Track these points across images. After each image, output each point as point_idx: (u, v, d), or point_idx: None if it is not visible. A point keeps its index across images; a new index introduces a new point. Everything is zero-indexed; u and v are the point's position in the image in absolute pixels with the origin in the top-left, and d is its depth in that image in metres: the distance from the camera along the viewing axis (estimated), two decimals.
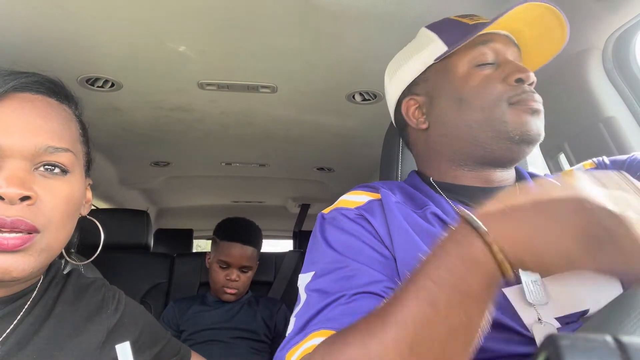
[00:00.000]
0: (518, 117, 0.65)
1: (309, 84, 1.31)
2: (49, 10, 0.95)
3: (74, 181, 0.64)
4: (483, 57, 0.69)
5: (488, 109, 0.66)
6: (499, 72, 0.68)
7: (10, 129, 0.59)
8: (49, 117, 0.63)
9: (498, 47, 0.70)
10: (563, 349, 0.25)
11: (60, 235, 0.63)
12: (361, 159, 1.99)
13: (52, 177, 0.61)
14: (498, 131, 0.65)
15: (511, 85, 0.66)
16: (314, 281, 0.58)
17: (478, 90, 0.67)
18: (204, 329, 1.59)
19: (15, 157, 0.58)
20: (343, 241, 0.61)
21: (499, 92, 0.66)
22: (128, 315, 0.78)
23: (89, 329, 0.72)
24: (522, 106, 0.65)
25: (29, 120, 0.61)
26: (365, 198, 0.67)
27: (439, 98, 0.72)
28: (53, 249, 0.63)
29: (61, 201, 0.61)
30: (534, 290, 0.56)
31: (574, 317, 0.55)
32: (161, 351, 0.84)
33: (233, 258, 1.64)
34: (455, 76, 0.70)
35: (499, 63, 0.69)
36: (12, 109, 0.60)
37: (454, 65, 0.71)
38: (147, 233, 1.96)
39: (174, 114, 1.53)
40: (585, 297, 0.56)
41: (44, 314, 0.69)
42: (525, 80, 0.66)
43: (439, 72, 0.73)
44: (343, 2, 0.94)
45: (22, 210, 0.57)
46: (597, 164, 0.73)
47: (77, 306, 0.73)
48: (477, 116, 0.67)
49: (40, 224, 0.59)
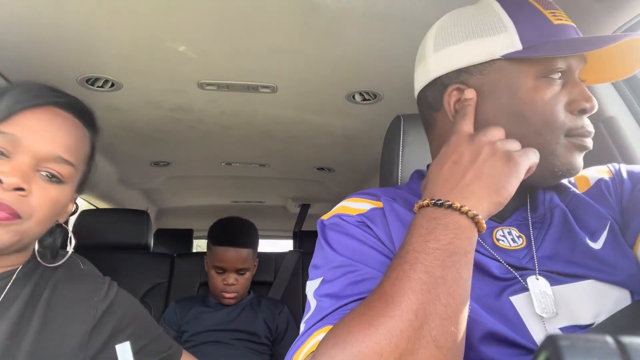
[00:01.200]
0: (570, 153, 0.59)
1: (309, 84, 1.31)
2: (48, 10, 0.95)
3: (65, 191, 0.74)
4: (555, 71, 0.59)
5: (544, 136, 0.59)
6: (564, 94, 0.59)
7: (34, 132, 0.70)
8: (69, 133, 0.75)
9: (572, 63, 0.60)
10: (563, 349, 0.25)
11: (35, 229, 0.71)
12: (361, 159, 1.99)
13: (48, 182, 0.71)
14: (545, 160, 0.58)
15: (574, 116, 0.59)
16: (323, 286, 0.57)
17: (542, 111, 0.59)
18: (205, 331, 1.58)
19: (27, 154, 0.69)
20: (349, 245, 0.60)
21: (562, 120, 0.58)
22: (118, 304, 0.81)
23: (78, 314, 0.76)
24: (576, 141, 0.59)
25: (52, 130, 0.72)
26: (367, 206, 0.66)
27: (492, 101, 0.61)
28: (25, 239, 0.71)
29: (47, 202, 0.71)
30: (542, 301, 0.55)
31: (582, 330, 0.54)
32: (150, 343, 0.85)
33: (228, 263, 1.60)
34: (520, 85, 0.60)
35: (566, 80, 0.60)
36: (43, 117, 0.73)
37: (522, 71, 0.60)
38: (147, 233, 1.96)
39: (174, 114, 1.53)
40: (594, 308, 0.55)
41: (34, 298, 0.73)
42: (589, 112, 0.60)
43: (503, 71, 0.61)
44: (343, 2, 0.94)
45: (12, 196, 0.66)
46: (614, 173, 0.69)
47: (66, 292, 0.77)
48: (530, 138, 0.58)
49: (24, 213, 0.68)
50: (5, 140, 0.69)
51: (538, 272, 0.58)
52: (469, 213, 0.49)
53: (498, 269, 0.58)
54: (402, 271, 0.47)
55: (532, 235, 0.62)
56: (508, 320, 0.54)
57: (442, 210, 0.50)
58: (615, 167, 0.70)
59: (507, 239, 0.62)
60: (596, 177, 0.69)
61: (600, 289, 0.56)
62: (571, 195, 0.67)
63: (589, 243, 0.60)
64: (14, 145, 0.69)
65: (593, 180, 0.69)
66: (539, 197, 0.66)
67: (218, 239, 1.64)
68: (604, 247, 0.59)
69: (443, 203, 0.50)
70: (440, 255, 0.47)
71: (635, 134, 0.94)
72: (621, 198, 0.65)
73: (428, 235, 0.49)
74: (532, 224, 0.64)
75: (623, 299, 0.55)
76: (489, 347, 0.52)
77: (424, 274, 0.46)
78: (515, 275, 0.58)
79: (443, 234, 0.48)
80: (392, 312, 0.44)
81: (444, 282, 0.46)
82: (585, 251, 0.59)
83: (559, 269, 0.58)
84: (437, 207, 0.51)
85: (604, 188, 0.66)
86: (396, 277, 0.47)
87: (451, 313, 0.45)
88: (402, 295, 0.45)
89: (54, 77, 1.22)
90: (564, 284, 0.57)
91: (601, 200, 0.65)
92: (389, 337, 0.43)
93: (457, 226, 0.49)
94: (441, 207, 0.51)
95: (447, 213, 0.50)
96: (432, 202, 0.51)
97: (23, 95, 0.72)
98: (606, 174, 0.69)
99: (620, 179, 0.67)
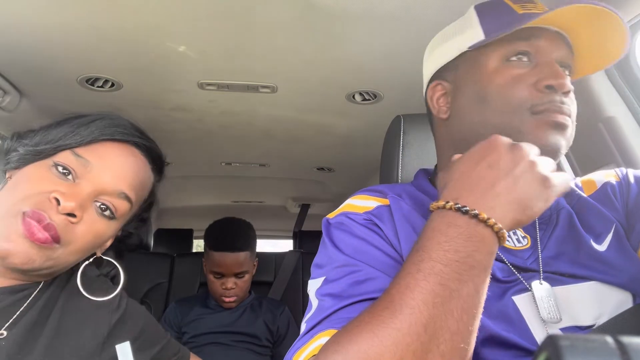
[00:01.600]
0: (537, 130, 0.58)
1: (309, 84, 1.31)
2: (49, 10, 0.95)
3: (112, 227, 0.74)
4: (516, 53, 0.61)
5: (507, 114, 0.60)
6: (533, 75, 0.60)
7: (107, 164, 0.72)
8: (138, 174, 0.76)
9: (542, 45, 0.62)
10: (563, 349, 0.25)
11: (71, 257, 0.70)
12: (361, 159, 1.99)
13: (100, 216, 0.71)
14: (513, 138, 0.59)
15: (540, 92, 0.59)
16: (325, 286, 0.56)
17: (502, 90, 0.61)
18: (205, 332, 1.57)
19: (92, 183, 0.70)
20: (353, 245, 0.59)
21: (523, 97, 0.59)
22: (130, 314, 0.80)
23: (92, 324, 0.75)
24: (544, 117, 0.58)
25: (124, 166, 0.74)
26: (373, 203, 0.65)
27: (463, 90, 0.66)
28: (58, 264, 0.69)
29: (91, 234, 0.70)
30: (547, 307, 0.54)
31: (582, 331, 0.54)
32: (161, 351, 0.84)
33: (225, 267, 1.56)
34: (483, 70, 0.64)
35: (536, 63, 0.61)
36: (120, 152, 0.75)
37: (486, 57, 0.64)
38: (147, 233, 1.96)
39: (174, 114, 1.53)
40: (595, 310, 0.55)
41: (49, 306, 0.72)
42: (558, 89, 0.59)
43: (470, 61, 0.66)
44: (343, 2, 0.94)
45: (62, 221, 0.66)
46: (621, 177, 0.69)
47: (81, 301, 0.75)
48: (495, 120, 0.61)
49: (65, 239, 0.67)
50: (78, 163, 0.70)
51: (542, 275, 0.58)
52: (495, 227, 0.46)
53: (501, 272, 0.58)
54: (413, 280, 0.44)
55: (538, 236, 0.62)
56: (510, 321, 0.54)
57: (466, 219, 0.46)
58: (623, 171, 0.70)
59: (512, 239, 0.62)
60: (603, 180, 0.69)
61: (602, 291, 0.56)
62: (577, 197, 0.67)
63: (593, 245, 0.60)
64: (83, 171, 0.69)
65: (600, 184, 0.69)
66: None
67: (214, 243, 1.60)
68: (608, 249, 0.59)
69: (469, 211, 0.46)
70: (458, 267, 0.44)
71: (635, 134, 0.94)
72: (627, 201, 0.65)
73: (447, 244, 0.45)
74: (539, 224, 0.64)
75: (625, 302, 0.55)
76: (491, 351, 0.51)
77: (438, 286, 0.43)
78: (518, 277, 0.57)
79: (464, 245, 0.45)
80: (399, 324, 0.42)
81: (459, 297, 0.43)
82: (590, 253, 0.59)
83: (562, 269, 0.58)
84: (461, 213, 0.47)
85: (610, 191, 0.67)
86: (406, 285, 0.44)
87: (462, 328, 0.42)
88: (412, 306, 0.42)
89: (54, 77, 1.22)
90: (567, 285, 0.57)
91: (607, 204, 0.65)
92: (393, 350, 0.40)
93: (480, 239, 0.45)
94: (465, 214, 0.46)
95: (470, 223, 0.46)
96: (455, 207, 0.47)
97: (109, 129, 0.74)
98: (613, 178, 0.69)
99: (626, 183, 0.67)
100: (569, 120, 0.60)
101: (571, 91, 0.60)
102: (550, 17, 0.59)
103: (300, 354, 0.49)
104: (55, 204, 0.65)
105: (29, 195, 0.65)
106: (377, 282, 0.54)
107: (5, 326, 0.65)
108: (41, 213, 0.64)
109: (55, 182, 0.67)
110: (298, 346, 0.51)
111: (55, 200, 0.65)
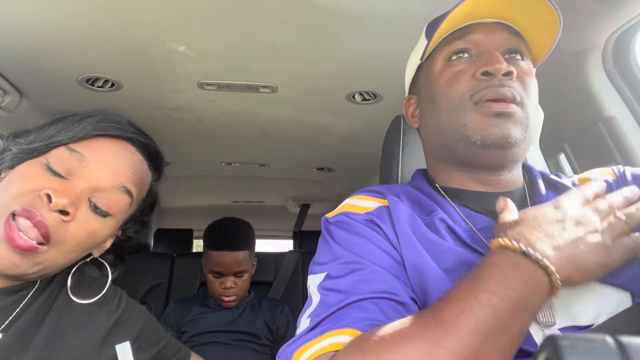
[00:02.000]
0: (479, 121, 0.60)
1: (309, 84, 1.31)
2: (49, 10, 0.95)
3: (108, 225, 0.71)
4: (454, 52, 0.65)
5: (453, 110, 0.62)
6: (472, 66, 0.63)
7: (102, 158, 0.70)
8: (135, 169, 0.74)
9: (478, 38, 0.64)
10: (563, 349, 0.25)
11: (61, 259, 0.67)
12: (361, 159, 1.99)
13: (94, 214, 0.68)
14: (460, 135, 0.62)
15: (477, 80, 0.61)
16: (328, 281, 0.56)
17: (445, 88, 0.64)
18: (205, 332, 1.57)
19: (86, 179, 0.67)
20: (356, 243, 0.59)
21: (463, 89, 0.62)
22: (129, 314, 0.79)
23: (90, 325, 0.73)
24: (484, 109, 0.60)
25: (121, 162, 0.72)
26: (374, 204, 0.65)
27: (423, 98, 0.71)
28: (47, 268, 0.66)
29: (84, 233, 0.67)
30: (542, 312, 0.54)
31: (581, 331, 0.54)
32: (161, 351, 0.84)
33: (224, 267, 1.57)
34: (432, 75, 0.68)
35: (477, 56, 0.64)
36: (115, 148, 0.72)
37: (433, 62, 0.68)
38: (147, 233, 1.96)
39: (173, 114, 1.53)
40: (594, 310, 0.54)
41: (45, 307, 0.71)
42: (495, 73, 0.60)
43: (424, 70, 0.71)
44: (343, 2, 0.94)
45: (54, 219, 0.62)
46: (618, 175, 0.69)
47: (78, 302, 0.73)
48: (444, 118, 0.64)
49: (56, 238, 0.63)
50: (73, 158, 0.67)
51: None
52: (553, 276, 0.46)
53: None
54: (470, 308, 0.44)
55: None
56: None
57: (528, 263, 0.46)
58: (620, 169, 0.70)
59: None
60: (600, 179, 0.68)
61: (601, 290, 0.55)
62: None
63: None
64: (78, 166, 0.67)
65: None
66: (542, 199, 0.66)
67: (213, 243, 1.60)
68: None
69: (537, 261, 0.46)
70: (514, 306, 0.44)
71: (635, 134, 0.93)
72: None
73: (507, 282, 0.45)
74: None
75: (623, 301, 0.55)
76: None
77: (493, 319, 0.43)
78: None
79: (522, 286, 0.45)
80: (452, 346, 0.41)
81: (508, 333, 0.44)
82: None
83: None
84: (524, 256, 0.47)
85: (608, 190, 0.66)
86: (461, 310, 0.44)
87: None
88: (466, 332, 0.42)
89: (54, 77, 1.22)
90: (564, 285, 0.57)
91: None
92: None
93: (537, 284, 0.46)
94: (528, 258, 0.46)
95: (532, 267, 0.46)
96: (520, 250, 0.47)
97: (102, 124, 0.72)
98: (610, 176, 0.69)
99: (624, 182, 0.67)
100: (513, 106, 0.60)
101: (513, 73, 0.61)
102: (480, 11, 0.62)
103: (306, 349, 0.48)
104: (47, 200, 0.62)
105: (20, 194, 0.63)
106: (382, 282, 0.54)
107: (1, 328, 0.64)
108: (31, 210, 0.61)
109: (48, 180, 0.65)
110: (304, 341, 0.50)
111: (46, 196, 0.62)
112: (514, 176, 0.67)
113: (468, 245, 0.60)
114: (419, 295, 0.56)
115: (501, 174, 0.66)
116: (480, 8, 0.63)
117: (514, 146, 0.60)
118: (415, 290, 0.56)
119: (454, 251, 0.58)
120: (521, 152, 0.63)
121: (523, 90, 0.62)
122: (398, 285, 0.55)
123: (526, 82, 0.63)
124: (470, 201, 0.66)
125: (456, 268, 0.56)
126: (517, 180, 0.68)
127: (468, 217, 0.64)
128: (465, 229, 0.62)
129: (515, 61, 0.65)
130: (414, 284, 0.56)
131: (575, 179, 0.72)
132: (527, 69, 0.65)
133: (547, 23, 0.65)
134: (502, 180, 0.66)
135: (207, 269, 1.64)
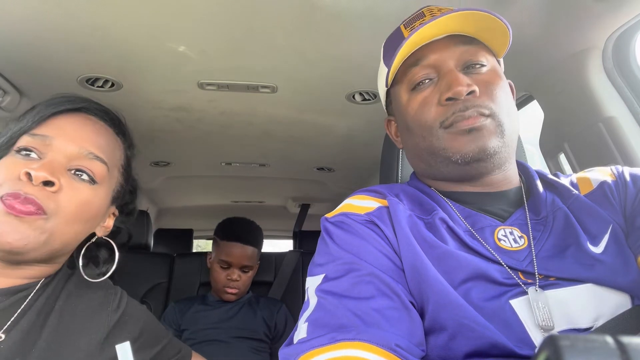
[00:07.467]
0: (454, 142, 0.62)
1: (309, 84, 1.31)
2: (49, 10, 0.95)
3: (98, 193, 0.73)
4: (416, 80, 0.66)
5: (428, 137, 0.65)
6: (435, 92, 0.64)
7: (66, 132, 0.71)
8: (101, 135, 0.76)
9: (433, 60, 0.65)
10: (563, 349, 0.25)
11: (66, 228, 0.68)
12: (361, 159, 1.99)
13: (79, 181, 0.70)
14: (442, 157, 0.64)
15: (444, 106, 0.63)
16: (326, 283, 0.56)
17: (416, 118, 0.66)
18: (204, 329, 1.59)
19: (59, 153, 0.69)
20: (355, 244, 0.59)
21: (431, 117, 0.64)
22: (129, 314, 0.79)
23: (91, 325, 0.73)
24: (454, 130, 0.62)
25: (84, 131, 0.73)
26: (374, 204, 0.65)
27: (399, 122, 0.74)
28: (53, 240, 0.67)
29: (76, 200, 0.69)
30: (542, 314, 0.54)
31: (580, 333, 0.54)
32: (162, 350, 0.84)
33: (234, 258, 1.65)
34: (400, 104, 0.70)
35: (438, 77, 0.65)
36: (75, 120, 0.74)
37: (399, 92, 0.70)
38: (147, 233, 1.96)
39: (174, 114, 1.53)
40: (593, 312, 0.54)
41: (47, 308, 0.71)
42: (457, 96, 0.61)
43: (394, 97, 0.73)
44: (343, 2, 0.94)
45: (39, 191, 0.65)
46: (617, 176, 0.68)
47: (79, 302, 0.74)
48: (422, 144, 0.66)
49: (50, 208, 0.65)
50: (38, 141, 0.69)
51: (538, 277, 0.57)
52: None
53: (500, 274, 0.57)
54: None
55: (533, 237, 0.62)
56: (509, 326, 0.53)
57: None
58: (619, 169, 0.69)
59: (508, 239, 0.62)
60: (599, 179, 0.68)
61: (599, 293, 0.55)
62: (573, 197, 0.66)
63: (589, 247, 0.59)
64: (46, 146, 0.69)
65: (596, 183, 0.68)
66: (540, 199, 0.66)
67: (227, 234, 1.70)
68: (604, 251, 0.59)
69: None
70: None
71: (635, 134, 0.94)
72: (625, 203, 0.64)
73: None
74: (535, 225, 0.63)
75: (623, 304, 0.55)
76: (489, 354, 0.51)
77: None
78: (517, 282, 0.57)
79: None
80: None
81: None
82: (586, 255, 0.58)
83: (558, 272, 0.57)
84: None
85: (607, 191, 0.66)
86: None
87: None
88: None
89: (54, 77, 1.22)
90: (564, 287, 0.56)
91: (604, 204, 0.64)
92: None
93: None
94: None
95: None
96: None
97: (54, 101, 0.74)
98: (609, 177, 0.68)
99: (623, 183, 0.67)
100: (481, 119, 0.61)
101: (476, 92, 0.61)
102: (427, 32, 0.63)
103: (312, 355, 0.48)
104: (28, 179, 0.65)
105: (1, 183, 0.65)
106: (378, 282, 0.54)
107: (4, 329, 0.64)
108: (17, 192, 0.63)
109: (24, 164, 0.67)
110: (309, 346, 0.49)
111: (26, 175, 0.65)
112: (507, 175, 0.68)
113: (467, 245, 0.60)
114: (417, 297, 0.56)
115: (493, 175, 0.66)
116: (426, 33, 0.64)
117: (495, 155, 0.62)
118: (412, 292, 0.56)
119: (452, 254, 0.58)
120: (505, 155, 0.64)
121: (490, 100, 0.62)
122: (399, 288, 0.55)
123: (492, 91, 0.63)
124: (467, 201, 0.66)
125: (454, 271, 0.56)
126: (513, 178, 0.68)
127: (466, 218, 0.64)
128: (464, 229, 0.62)
129: (476, 71, 0.65)
130: (411, 285, 0.56)
131: (574, 177, 0.72)
132: (490, 75, 0.65)
133: (492, 29, 0.65)
134: (496, 179, 0.67)
135: (215, 260, 1.69)
